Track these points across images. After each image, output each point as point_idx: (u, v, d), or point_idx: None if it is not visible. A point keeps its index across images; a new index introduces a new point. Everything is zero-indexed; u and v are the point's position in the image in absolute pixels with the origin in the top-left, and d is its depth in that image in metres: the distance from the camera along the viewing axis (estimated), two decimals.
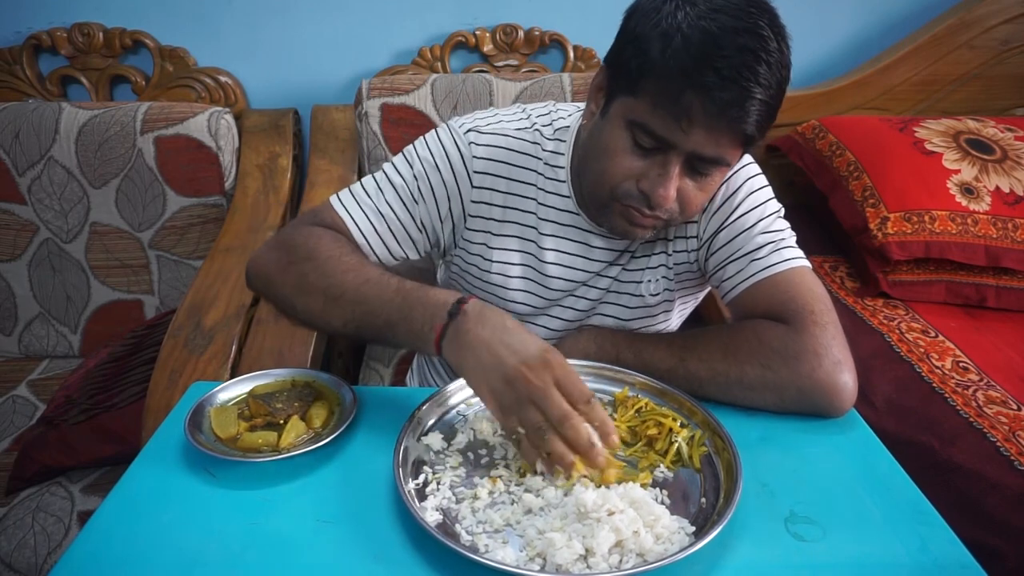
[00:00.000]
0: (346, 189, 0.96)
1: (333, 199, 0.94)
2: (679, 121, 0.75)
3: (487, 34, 1.75)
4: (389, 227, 0.94)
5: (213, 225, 1.59)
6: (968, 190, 1.49)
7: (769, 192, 0.95)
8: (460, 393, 0.84)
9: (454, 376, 0.82)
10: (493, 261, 0.98)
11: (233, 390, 0.83)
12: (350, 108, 1.71)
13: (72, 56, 1.69)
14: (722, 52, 0.72)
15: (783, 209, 0.95)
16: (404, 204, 0.94)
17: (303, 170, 1.75)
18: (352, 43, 1.75)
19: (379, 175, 0.96)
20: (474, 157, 0.94)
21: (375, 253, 0.94)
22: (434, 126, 1.59)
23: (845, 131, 1.66)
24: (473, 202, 0.95)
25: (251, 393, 0.83)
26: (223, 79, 1.73)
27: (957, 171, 1.52)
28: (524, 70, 1.76)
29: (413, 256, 0.98)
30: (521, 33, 1.75)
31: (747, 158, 0.95)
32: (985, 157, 1.55)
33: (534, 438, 0.69)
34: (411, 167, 0.94)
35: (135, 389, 1.25)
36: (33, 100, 1.66)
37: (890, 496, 0.72)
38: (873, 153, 1.58)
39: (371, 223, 0.93)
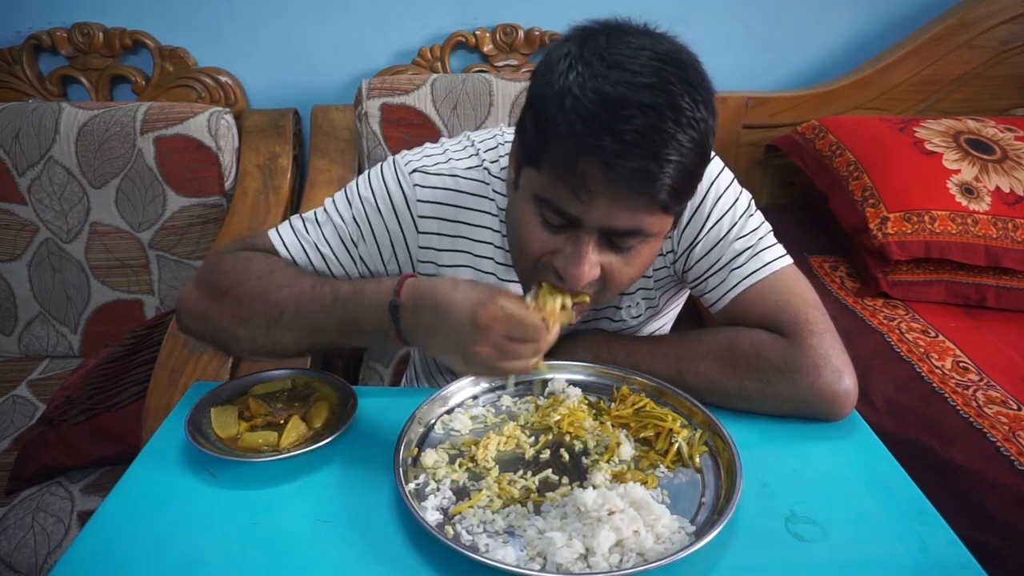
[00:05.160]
0: (285, 222, 0.91)
1: (270, 232, 0.90)
2: (577, 193, 0.68)
3: (487, 34, 1.75)
4: (326, 263, 0.89)
5: (213, 225, 1.59)
6: (968, 190, 1.49)
7: (736, 189, 0.90)
8: (460, 393, 0.85)
9: (454, 376, 0.82)
10: None
11: (233, 390, 0.83)
12: (350, 108, 1.71)
13: (72, 56, 1.69)
14: (621, 114, 0.64)
15: (752, 201, 0.91)
16: (343, 243, 0.89)
17: (303, 170, 1.75)
18: (352, 43, 1.75)
19: (319, 211, 0.91)
20: (419, 201, 0.88)
21: None
22: (434, 126, 1.62)
23: (845, 131, 1.66)
24: (420, 247, 0.90)
25: (251, 393, 0.83)
26: (223, 79, 1.73)
27: (957, 171, 1.52)
28: (524, 70, 1.76)
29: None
30: (521, 33, 1.75)
31: None
32: (985, 157, 1.55)
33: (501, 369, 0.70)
34: (350, 206, 0.89)
35: (135, 389, 1.25)
36: (33, 100, 1.66)
37: (890, 496, 0.72)
38: (873, 153, 1.58)
39: (308, 257, 0.88)
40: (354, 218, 0.89)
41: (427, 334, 0.72)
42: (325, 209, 0.91)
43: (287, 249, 0.88)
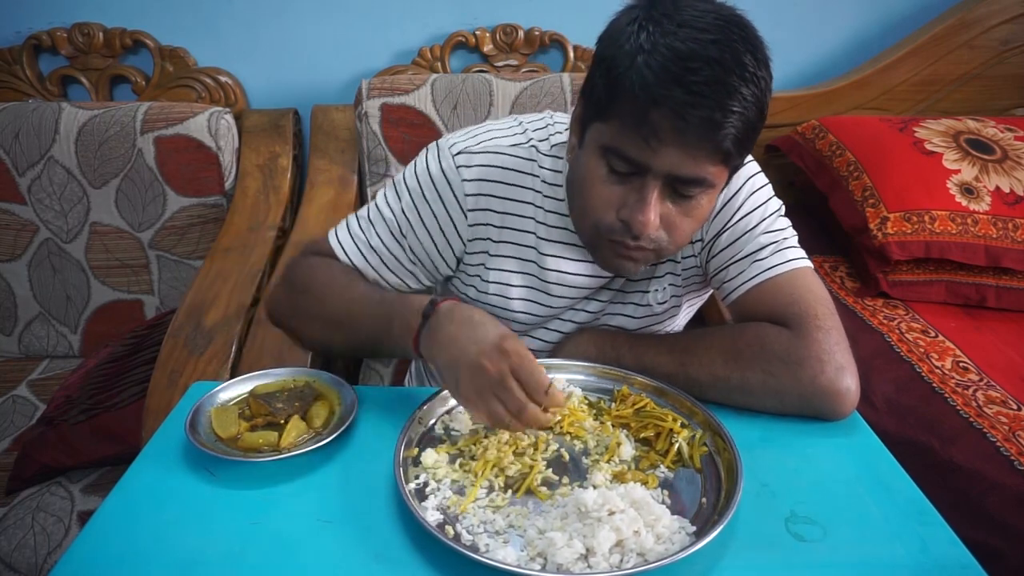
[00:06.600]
0: (343, 221, 0.96)
1: (331, 234, 0.96)
2: (648, 141, 0.72)
3: (487, 34, 1.75)
4: (382, 260, 0.93)
5: (213, 225, 1.59)
6: (968, 190, 1.49)
7: (769, 191, 0.94)
8: None
9: None
10: (490, 282, 0.96)
11: (233, 390, 0.83)
12: (350, 108, 1.71)
13: (72, 56, 1.69)
14: (690, 66, 0.69)
15: (784, 207, 0.94)
16: (395, 238, 0.93)
17: (303, 170, 1.75)
18: (352, 43, 1.75)
19: (372, 207, 0.95)
20: (463, 181, 0.90)
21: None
22: (434, 126, 1.61)
23: (845, 131, 1.66)
24: (470, 226, 0.92)
25: (251, 393, 0.83)
26: (223, 79, 1.73)
27: (957, 171, 1.52)
28: (524, 70, 1.76)
29: (415, 285, 0.97)
30: (521, 33, 1.74)
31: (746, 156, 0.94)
32: (985, 157, 1.55)
33: (498, 424, 0.73)
34: (400, 199, 0.93)
35: (135, 389, 1.25)
36: (33, 100, 1.66)
37: (891, 496, 0.72)
38: (873, 153, 1.58)
39: (364, 258, 0.93)
40: (403, 210, 0.92)
41: (446, 342, 0.75)
42: (376, 205, 0.95)
43: (344, 252, 0.94)
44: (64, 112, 1.56)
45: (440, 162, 0.91)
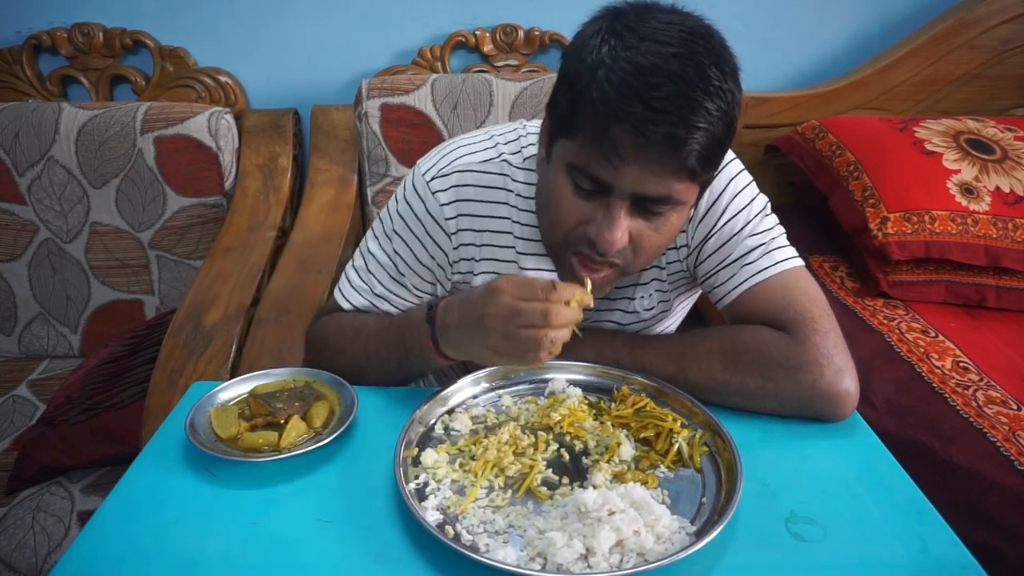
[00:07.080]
0: (343, 277, 0.98)
1: (336, 293, 0.98)
2: (609, 159, 0.70)
3: (487, 34, 1.75)
4: (391, 303, 0.95)
5: (213, 225, 1.59)
6: (968, 190, 1.49)
7: (754, 190, 0.92)
8: (460, 393, 0.85)
9: (450, 378, 0.84)
10: None
11: (233, 390, 0.83)
12: (350, 108, 1.71)
13: (72, 56, 1.69)
14: (651, 81, 0.67)
15: (769, 203, 0.93)
16: (395, 280, 0.95)
17: (303, 170, 1.75)
18: (352, 43, 1.75)
19: (367, 254, 0.96)
20: (442, 205, 0.90)
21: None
22: (434, 126, 1.62)
23: (845, 131, 1.66)
24: (454, 248, 0.93)
25: (251, 393, 0.83)
26: (223, 79, 1.73)
27: (957, 171, 1.52)
28: (524, 70, 1.76)
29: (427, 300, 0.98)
30: (521, 33, 1.75)
31: (728, 155, 0.90)
32: (985, 157, 1.55)
33: (542, 354, 0.71)
34: (390, 240, 0.94)
35: (135, 389, 1.25)
36: (33, 100, 1.66)
37: (891, 496, 0.72)
38: (873, 153, 1.58)
39: (375, 305, 0.95)
40: (395, 251, 0.94)
41: (457, 331, 0.77)
42: (370, 251, 0.96)
43: (355, 307, 0.96)
44: (64, 112, 1.56)
45: (417, 193, 0.92)
